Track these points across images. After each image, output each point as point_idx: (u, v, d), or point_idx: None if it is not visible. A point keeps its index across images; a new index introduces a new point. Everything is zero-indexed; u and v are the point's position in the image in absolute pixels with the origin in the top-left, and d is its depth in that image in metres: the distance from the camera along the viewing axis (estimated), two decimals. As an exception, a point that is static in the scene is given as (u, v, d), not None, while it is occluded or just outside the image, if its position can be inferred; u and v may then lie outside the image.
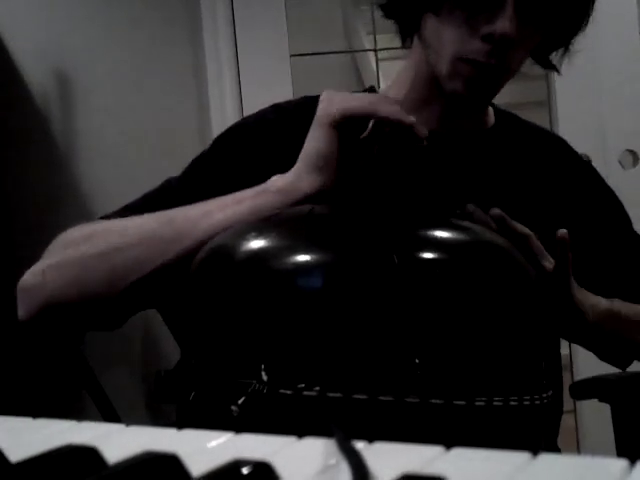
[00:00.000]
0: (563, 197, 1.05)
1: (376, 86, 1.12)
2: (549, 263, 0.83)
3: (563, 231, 0.80)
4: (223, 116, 2.12)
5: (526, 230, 0.82)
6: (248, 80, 2.14)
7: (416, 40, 1.00)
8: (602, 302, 0.91)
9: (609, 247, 1.05)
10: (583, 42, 1.01)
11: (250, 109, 1.07)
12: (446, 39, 0.92)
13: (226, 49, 2.13)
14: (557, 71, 1.04)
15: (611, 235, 1.07)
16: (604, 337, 0.93)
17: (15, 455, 0.39)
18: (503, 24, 0.88)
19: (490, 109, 1.09)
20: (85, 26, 2.12)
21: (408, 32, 1.01)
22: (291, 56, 2.16)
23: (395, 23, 1.01)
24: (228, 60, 2.13)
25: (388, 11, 1.00)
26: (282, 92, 2.15)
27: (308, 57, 2.30)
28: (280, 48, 2.14)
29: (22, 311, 0.88)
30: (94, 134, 2.12)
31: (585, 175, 1.11)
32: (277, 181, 0.82)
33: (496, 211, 0.80)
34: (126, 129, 2.13)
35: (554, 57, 1.03)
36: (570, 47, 1.02)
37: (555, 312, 0.84)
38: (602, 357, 1.04)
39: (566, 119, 2.16)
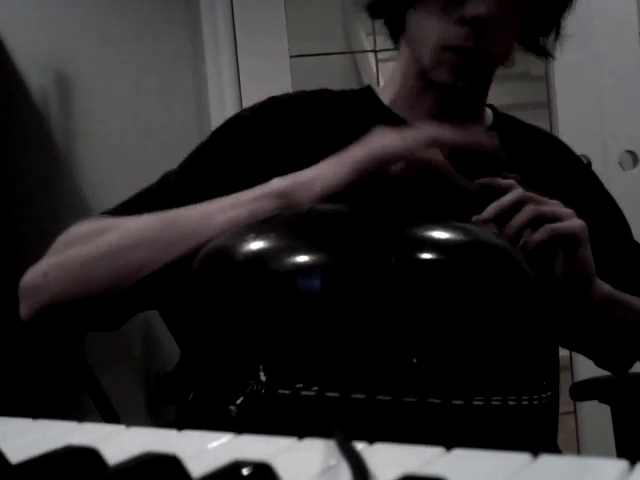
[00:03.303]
0: (562, 199, 1.04)
1: (375, 87, 1.12)
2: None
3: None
4: (223, 118, 2.11)
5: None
6: (248, 81, 2.14)
7: (403, 39, 1.01)
8: (605, 285, 0.90)
9: (608, 252, 1.04)
10: (583, 42, 1.01)
11: (250, 110, 1.08)
12: (427, 30, 0.93)
13: (226, 50, 2.13)
14: (551, 56, 1.03)
15: (610, 240, 1.05)
16: (606, 321, 0.91)
17: (15, 456, 0.39)
18: (476, 6, 0.89)
19: (488, 110, 1.09)
20: (84, 28, 2.12)
21: (396, 31, 1.01)
22: (291, 57, 2.16)
23: (384, 24, 1.02)
24: (228, 61, 2.13)
25: (372, 12, 1.01)
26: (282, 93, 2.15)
27: (308, 58, 2.30)
28: (280, 49, 2.14)
29: (24, 310, 0.88)
30: (94, 136, 2.12)
31: (585, 178, 1.10)
32: (276, 184, 0.82)
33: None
34: (125, 131, 2.13)
35: (547, 43, 1.02)
36: (561, 31, 1.00)
37: (553, 312, 0.84)
38: (599, 362, 1.03)
39: (566, 120, 2.16)
